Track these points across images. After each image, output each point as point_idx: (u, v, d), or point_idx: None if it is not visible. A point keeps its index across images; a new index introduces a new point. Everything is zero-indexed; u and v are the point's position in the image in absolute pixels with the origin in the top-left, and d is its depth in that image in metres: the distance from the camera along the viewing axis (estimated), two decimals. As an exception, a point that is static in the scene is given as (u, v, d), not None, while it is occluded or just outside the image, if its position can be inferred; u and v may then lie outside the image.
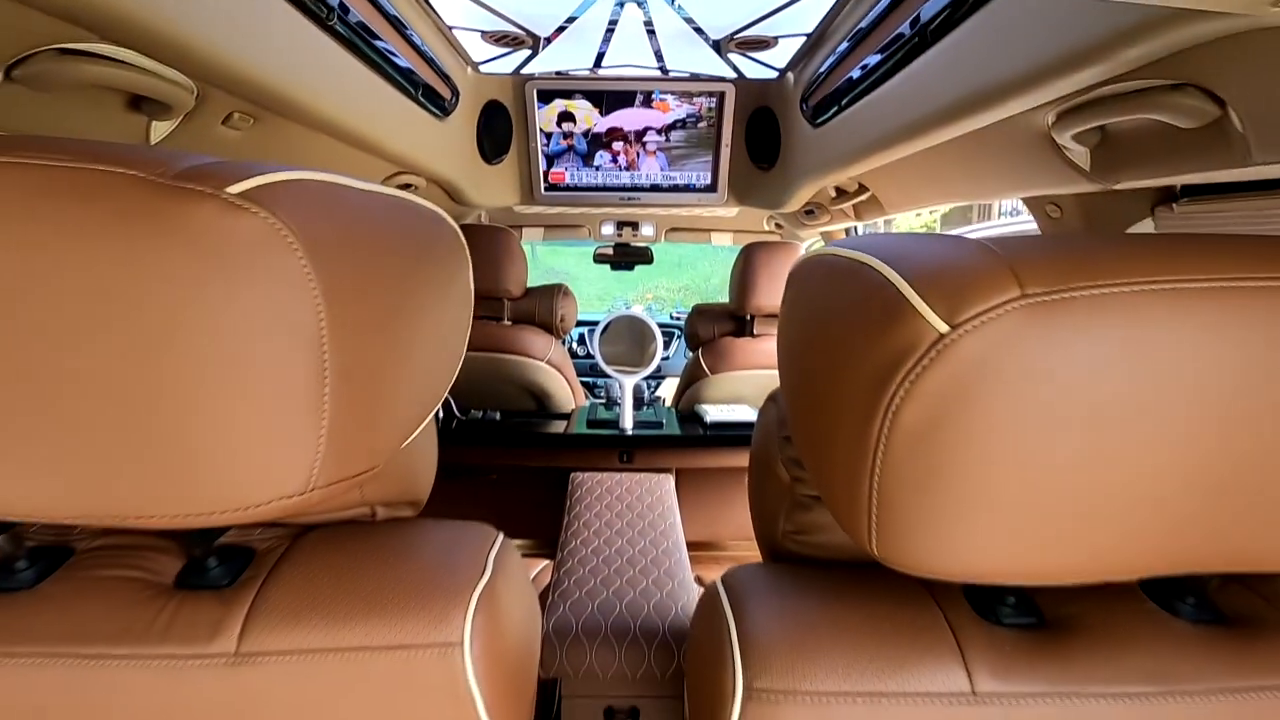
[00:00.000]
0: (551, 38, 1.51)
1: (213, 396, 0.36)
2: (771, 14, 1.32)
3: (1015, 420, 0.37)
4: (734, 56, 1.64)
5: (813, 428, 0.47)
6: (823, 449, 0.46)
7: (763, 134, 1.89)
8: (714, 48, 1.55)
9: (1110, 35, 0.62)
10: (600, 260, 2.86)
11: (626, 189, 2.09)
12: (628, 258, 2.82)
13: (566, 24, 1.43)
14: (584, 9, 1.34)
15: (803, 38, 1.44)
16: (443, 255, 0.52)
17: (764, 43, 1.49)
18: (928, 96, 0.97)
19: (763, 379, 2.02)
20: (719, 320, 2.12)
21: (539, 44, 1.55)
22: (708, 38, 1.49)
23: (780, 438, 0.61)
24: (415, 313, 0.47)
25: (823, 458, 0.46)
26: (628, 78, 1.84)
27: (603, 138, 1.97)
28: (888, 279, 0.40)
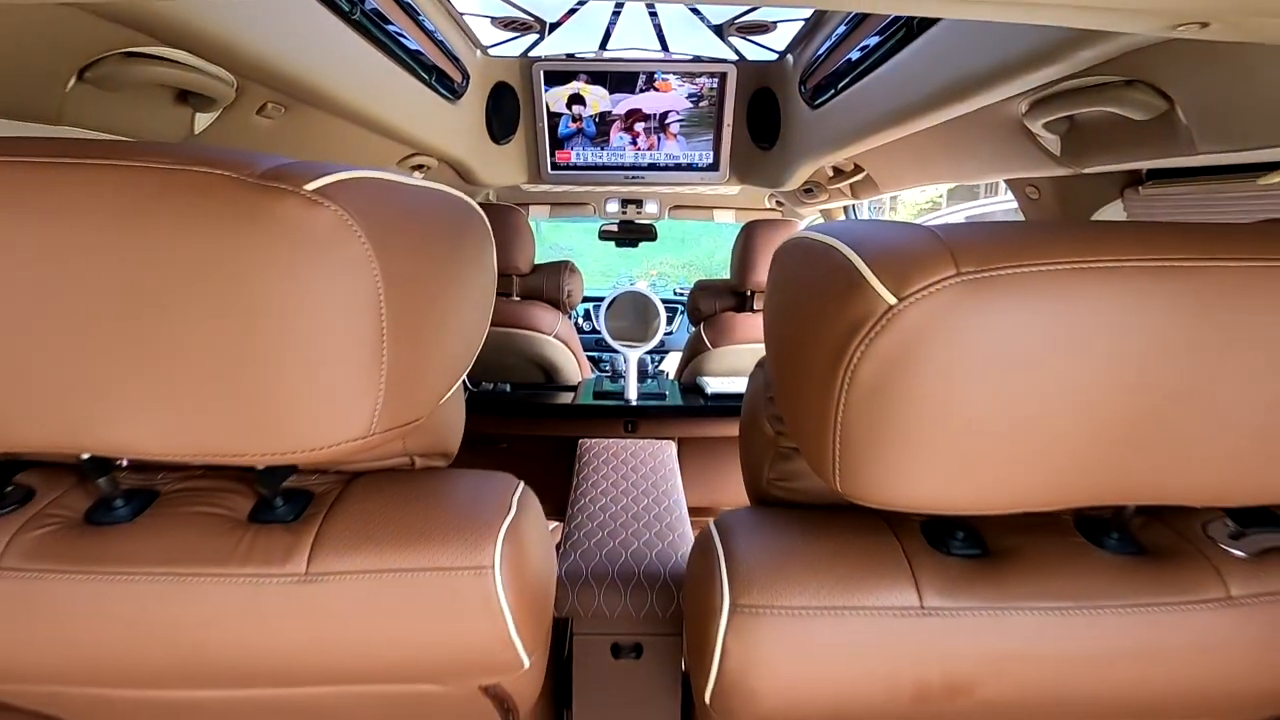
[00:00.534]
0: (559, 22, 1.57)
1: (294, 356, 0.44)
2: None
3: (952, 376, 0.45)
4: (735, 39, 1.69)
5: (790, 385, 0.56)
6: (797, 402, 0.54)
7: (763, 114, 1.94)
8: (715, 31, 1.61)
9: (1067, 37, 0.69)
10: (605, 237, 2.92)
11: (631, 168, 2.15)
12: (632, 235, 2.88)
13: (573, 9, 1.48)
14: (590, -5, 1.40)
15: (801, 21, 1.49)
16: (472, 237, 0.60)
17: (763, 27, 1.54)
18: (915, 83, 1.03)
19: (761, 352, 2.10)
20: (720, 296, 2.20)
21: (545, 28, 1.61)
22: (709, 21, 1.55)
23: (766, 398, 0.70)
24: (451, 286, 0.55)
25: (797, 410, 0.54)
26: (632, 59, 1.89)
27: (624, 119, 2.02)
28: (849, 259, 0.48)
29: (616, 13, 1.53)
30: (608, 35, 1.72)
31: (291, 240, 0.42)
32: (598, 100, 1.97)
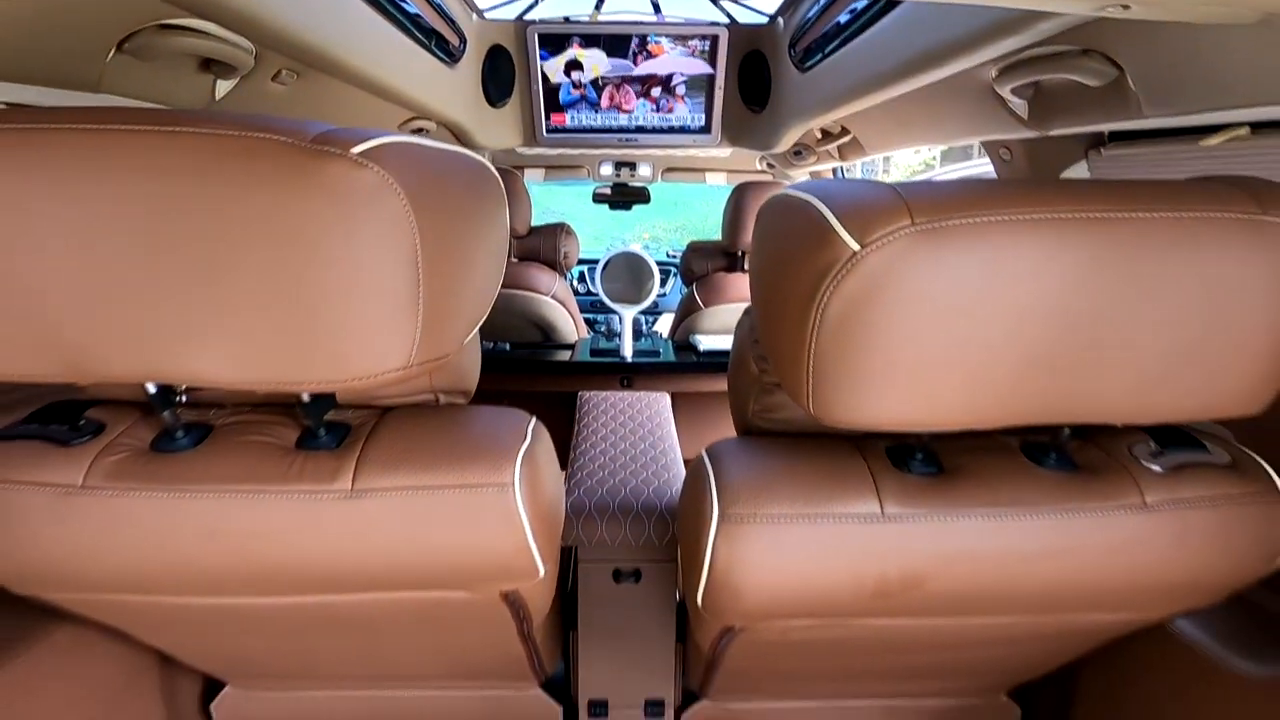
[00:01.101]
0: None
1: (344, 298, 0.52)
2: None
3: (907, 313, 0.53)
4: (726, 3, 1.73)
5: (771, 324, 0.64)
6: (777, 339, 0.62)
7: (754, 77, 1.98)
8: (707, -5, 1.64)
9: (1028, 10, 0.75)
10: (599, 200, 2.96)
11: (625, 131, 2.19)
12: (625, 197, 2.92)
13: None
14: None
15: (790, -14, 1.53)
16: (490, 195, 0.67)
17: (754, -10, 1.58)
18: (896, 49, 1.09)
19: None
20: (712, 256, 2.26)
21: (541, -9, 1.64)
22: (701, -14, 1.58)
23: (751, 340, 0.78)
24: (473, 238, 0.62)
25: (777, 346, 0.62)
26: (625, 22, 1.93)
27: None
28: (820, 212, 0.55)
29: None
30: (601, -1, 1.75)
31: (341, 197, 0.50)
32: (595, 64, 2.00)
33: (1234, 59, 0.70)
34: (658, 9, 1.94)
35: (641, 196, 2.92)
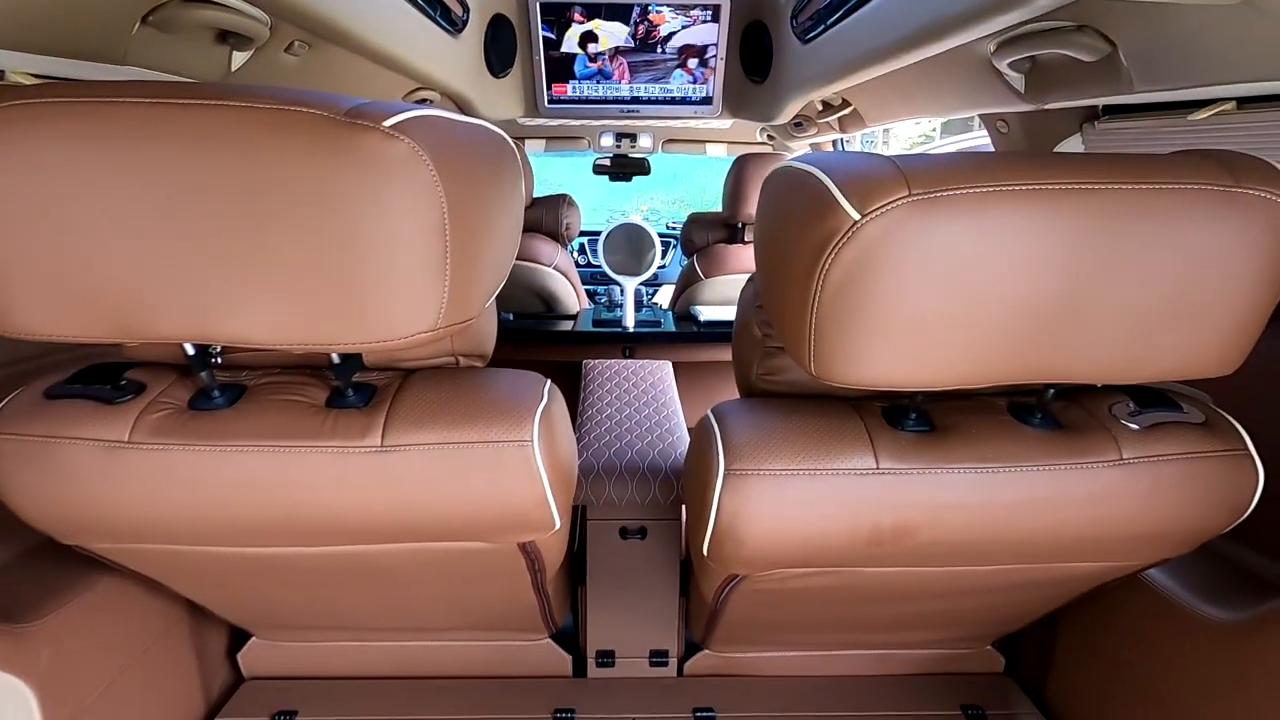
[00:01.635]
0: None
1: (377, 263, 0.55)
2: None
3: (904, 278, 0.57)
4: (729, -28, 1.73)
5: (775, 289, 0.68)
6: (780, 304, 0.66)
7: (756, 48, 1.98)
8: (710, -36, 1.64)
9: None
10: (599, 171, 2.97)
11: (626, 101, 2.19)
12: (625, 169, 2.93)
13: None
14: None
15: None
16: (507, 164, 0.70)
17: (757, -40, 1.58)
18: (898, 22, 1.11)
19: None
20: (713, 228, 2.29)
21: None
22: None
23: (755, 306, 0.82)
24: (494, 206, 0.66)
25: (780, 310, 0.66)
26: (627, -10, 1.92)
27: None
28: (823, 183, 0.59)
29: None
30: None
31: (374, 168, 0.53)
32: (608, 36, 2.00)
33: (1221, 37, 0.73)
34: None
35: (641, 168, 2.93)
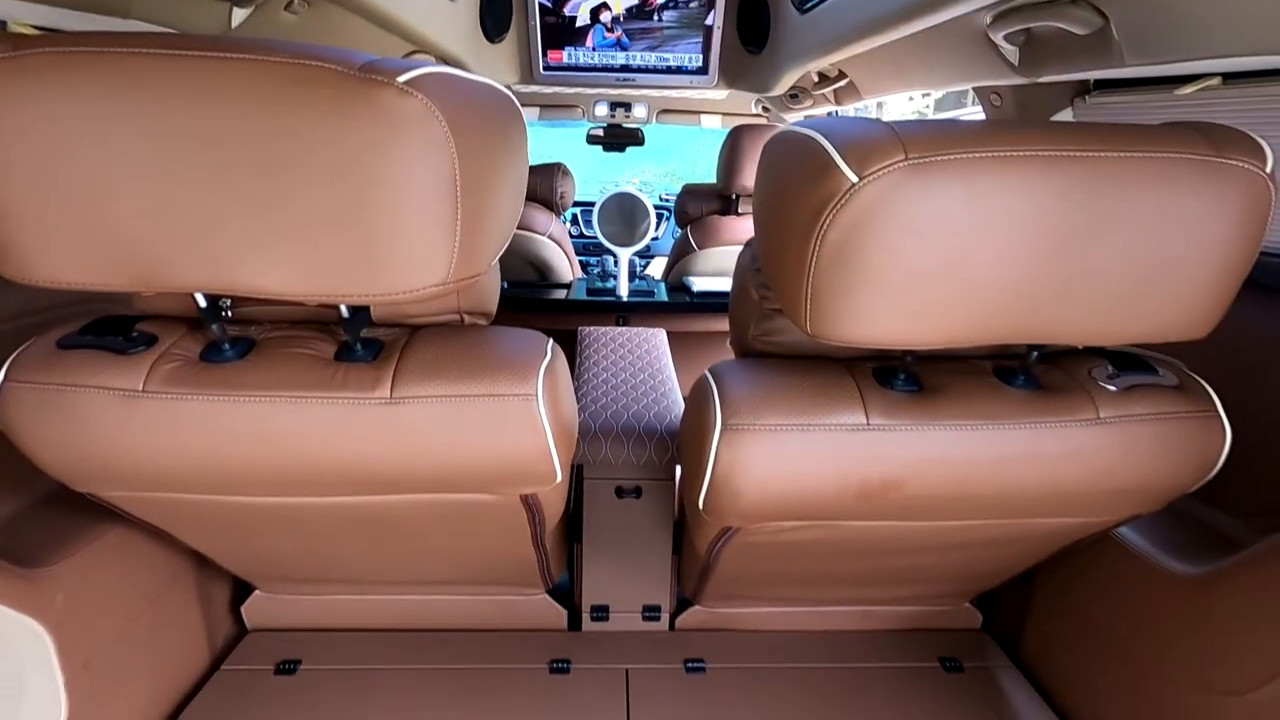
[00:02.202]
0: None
1: (390, 216, 0.57)
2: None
3: (898, 239, 0.59)
4: (728, -61, 1.71)
5: (774, 250, 0.70)
6: (779, 264, 0.68)
7: (753, 17, 1.98)
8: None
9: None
10: (593, 141, 2.95)
11: (622, 69, 2.18)
12: (619, 139, 2.91)
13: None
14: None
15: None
16: (513, 123, 0.71)
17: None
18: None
19: None
20: (707, 199, 2.30)
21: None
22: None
23: (754, 269, 0.84)
24: (502, 163, 0.67)
25: (778, 270, 0.69)
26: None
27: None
28: (823, 147, 0.61)
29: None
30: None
31: (388, 123, 0.54)
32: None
33: (1209, 12, 0.75)
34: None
35: (635, 138, 2.92)
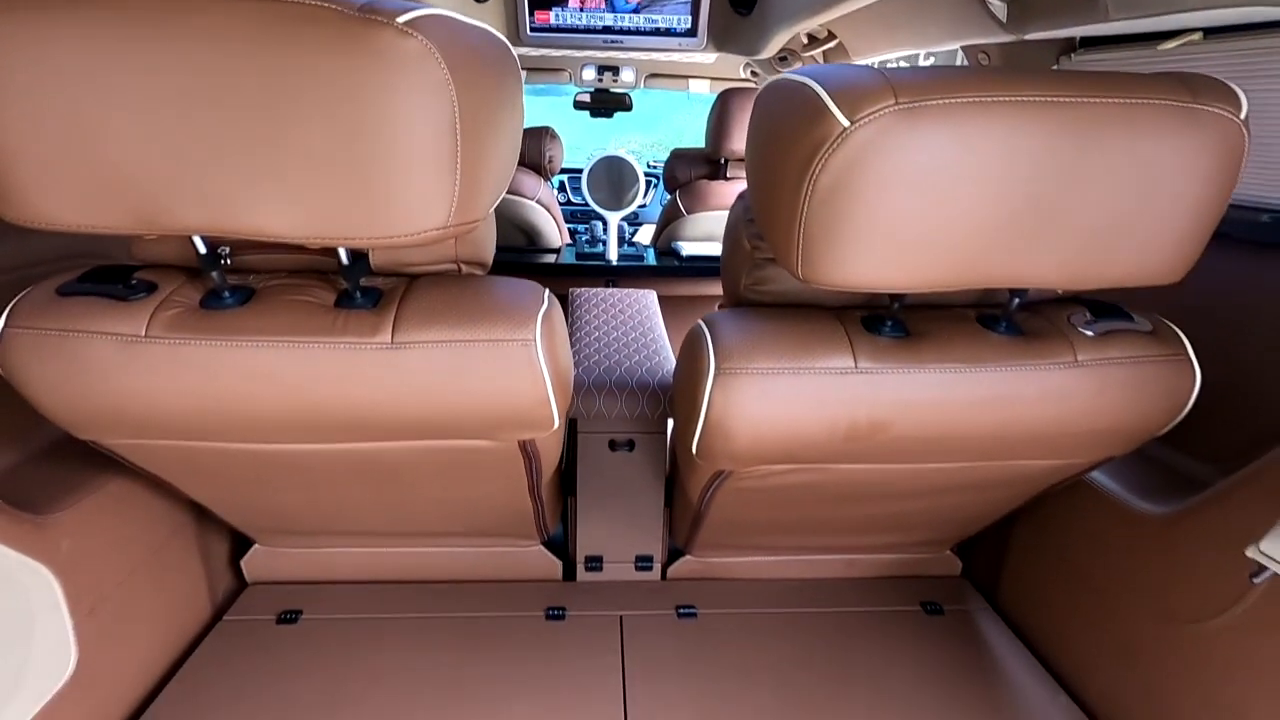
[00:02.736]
0: None
1: (391, 158, 0.58)
2: None
3: (887, 183, 0.61)
4: (718, -105, 1.69)
5: (766, 196, 0.72)
6: (770, 210, 0.70)
7: (742, -23, 1.96)
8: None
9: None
10: (580, 107, 2.92)
11: (609, 31, 2.16)
12: (607, 104, 2.89)
13: None
14: None
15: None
16: (509, 70, 0.72)
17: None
18: (886, -51, 1.12)
19: None
20: (695, 164, 2.30)
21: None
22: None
23: (746, 220, 0.86)
24: (500, 109, 0.68)
25: (771, 216, 0.70)
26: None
27: None
28: (816, 92, 0.62)
29: None
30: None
31: (387, 64, 0.55)
32: None
33: (1192, -37, 0.76)
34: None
35: (623, 104, 2.89)
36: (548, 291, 0.81)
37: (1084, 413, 0.79)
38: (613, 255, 2.04)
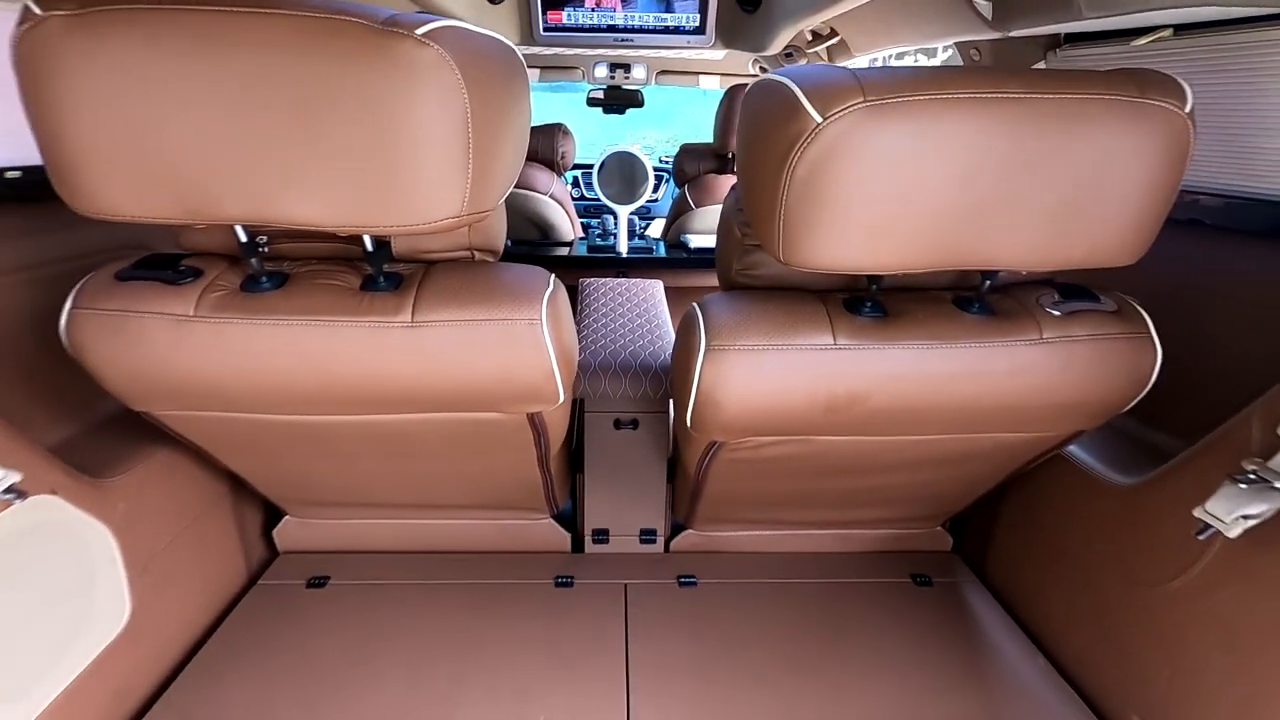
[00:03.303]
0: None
1: (411, 155, 0.65)
2: None
3: (858, 173, 0.68)
4: (723, -102, 1.75)
5: (751, 188, 0.78)
6: (756, 199, 0.77)
7: (748, -24, 2.01)
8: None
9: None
10: (593, 103, 2.99)
11: (620, 29, 2.23)
12: (619, 101, 2.95)
13: None
14: None
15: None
16: (517, 75, 0.79)
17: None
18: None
19: None
20: (704, 158, 2.36)
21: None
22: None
23: (736, 210, 0.92)
24: (507, 111, 0.75)
25: (755, 205, 0.77)
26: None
27: None
28: (792, 91, 0.69)
29: None
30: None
31: (408, 71, 0.62)
32: None
33: (1154, -34, 0.81)
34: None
35: (634, 100, 2.96)
36: (553, 276, 0.88)
37: (1050, 386, 0.84)
38: (623, 247, 2.11)
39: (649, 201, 2.24)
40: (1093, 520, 1.01)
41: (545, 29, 2.22)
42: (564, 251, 2.23)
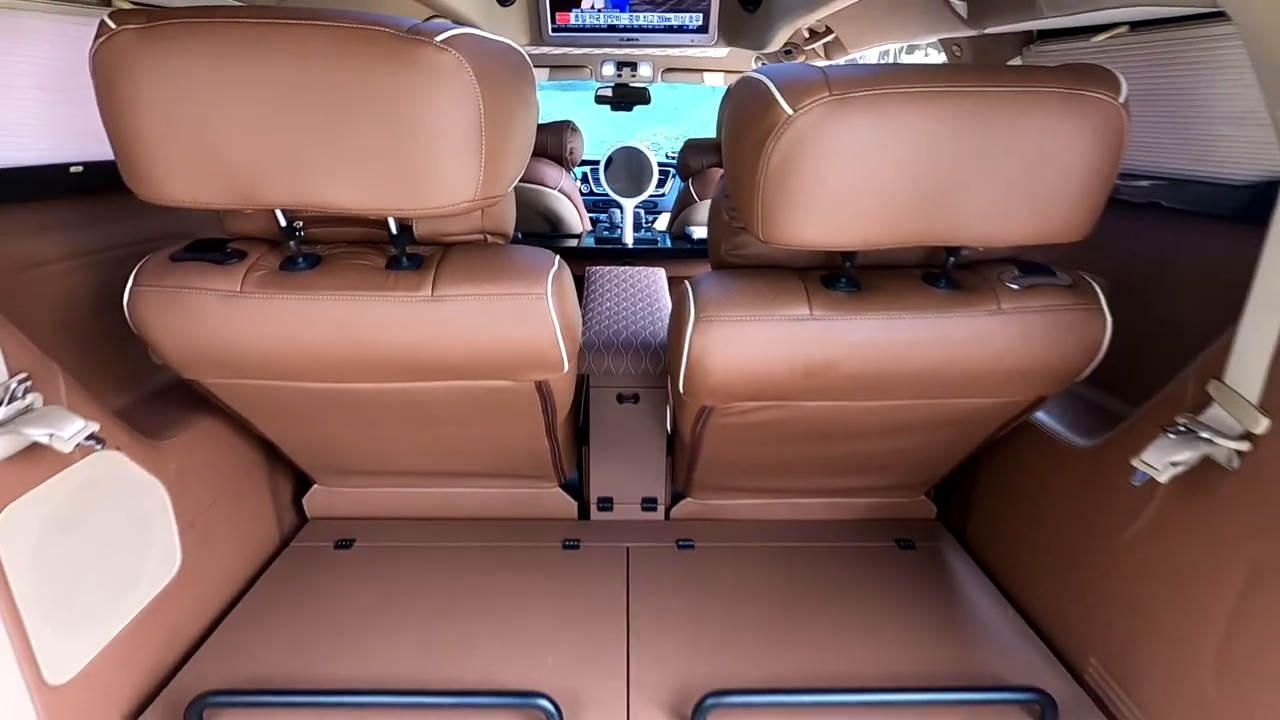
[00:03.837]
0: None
1: (432, 146, 0.75)
2: None
3: (827, 159, 0.76)
4: (722, -97, 1.83)
5: (734, 173, 0.87)
6: (738, 184, 0.86)
7: (748, -24, 2.10)
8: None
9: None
10: (601, 101, 3.08)
11: (626, 29, 2.32)
12: (626, 98, 3.04)
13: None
14: None
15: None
16: (524, 76, 0.88)
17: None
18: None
19: None
20: (707, 152, 2.45)
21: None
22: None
23: (724, 195, 1.01)
24: (515, 107, 0.84)
25: (738, 189, 0.86)
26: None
27: None
28: (767, 86, 0.77)
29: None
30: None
31: (429, 73, 0.72)
32: None
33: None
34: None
35: (642, 97, 3.05)
36: (558, 257, 0.97)
37: (1009, 354, 0.93)
38: (628, 239, 2.20)
39: (655, 196, 2.33)
40: (1059, 481, 1.09)
41: (554, 29, 2.32)
42: (573, 244, 2.33)
